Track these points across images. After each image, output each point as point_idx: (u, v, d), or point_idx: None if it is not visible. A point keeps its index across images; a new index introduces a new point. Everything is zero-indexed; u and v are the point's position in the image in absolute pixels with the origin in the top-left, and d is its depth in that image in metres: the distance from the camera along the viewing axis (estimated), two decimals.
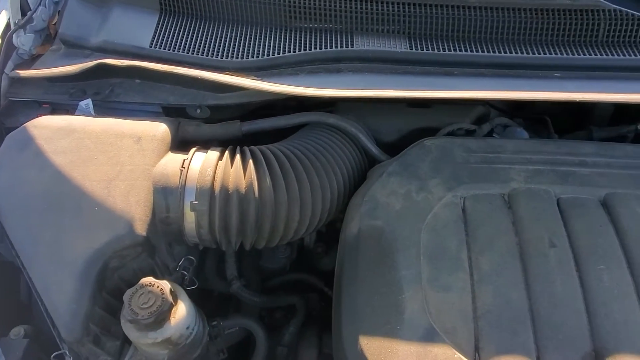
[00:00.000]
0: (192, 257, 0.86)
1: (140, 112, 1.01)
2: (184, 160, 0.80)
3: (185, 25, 0.95)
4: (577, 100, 0.76)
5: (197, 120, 0.98)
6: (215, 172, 0.79)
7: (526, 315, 0.72)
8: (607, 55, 0.86)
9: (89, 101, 0.94)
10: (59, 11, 1.07)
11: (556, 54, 0.86)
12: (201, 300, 0.99)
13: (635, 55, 0.86)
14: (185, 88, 0.94)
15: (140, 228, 0.75)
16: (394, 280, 0.76)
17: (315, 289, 1.07)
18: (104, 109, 0.98)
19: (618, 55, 0.86)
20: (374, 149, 0.95)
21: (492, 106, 1.22)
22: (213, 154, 0.82)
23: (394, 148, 0.97)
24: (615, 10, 0.85)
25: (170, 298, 0.70)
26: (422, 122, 1.07)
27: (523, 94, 0.82)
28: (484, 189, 0.86)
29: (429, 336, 0.70)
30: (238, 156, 0.82)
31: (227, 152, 0.83)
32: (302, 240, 1.11)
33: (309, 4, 0.90)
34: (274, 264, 1.08)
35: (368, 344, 0.71)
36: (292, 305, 0.98)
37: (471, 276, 0.76)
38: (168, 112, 1.00)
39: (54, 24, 1.07)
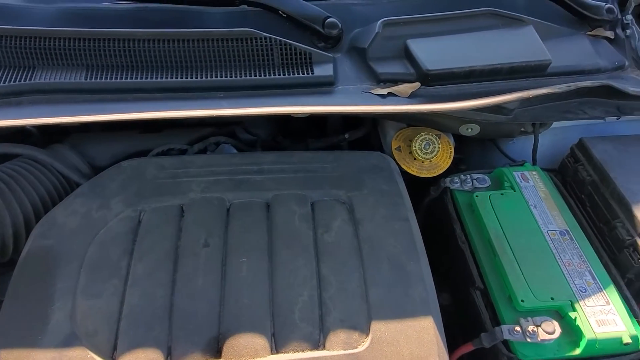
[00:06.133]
0: None
1: None
2: None
3: None
4: (223, 114, 0.87)
5: None
6: None
7: (165, 311, 0.78)
8: (265, 76, 0.98)
9: None
10: None
11: (220, 77, 0.97)
12: None
13: (290, 74, 0.99)
14: None
15: None
16: (48, 294, 0.80)
17: None
18: None
19: (275, 75, 0.99)
20: (72, 175, 1.00)
21: (246, 129, 1.33)
22: None
23: None
24: (267, 37, 0.98)
25: None
26: (144, 145, 1.14)
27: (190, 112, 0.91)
28: (164, 202, 0.93)
29: (68, 341, 0.75)
30: None
31: None
32: None
33: None
34: None
35: (7, 356, 0.74)
36: None
37: (125, 282, 0.82)
38: None
39: None
